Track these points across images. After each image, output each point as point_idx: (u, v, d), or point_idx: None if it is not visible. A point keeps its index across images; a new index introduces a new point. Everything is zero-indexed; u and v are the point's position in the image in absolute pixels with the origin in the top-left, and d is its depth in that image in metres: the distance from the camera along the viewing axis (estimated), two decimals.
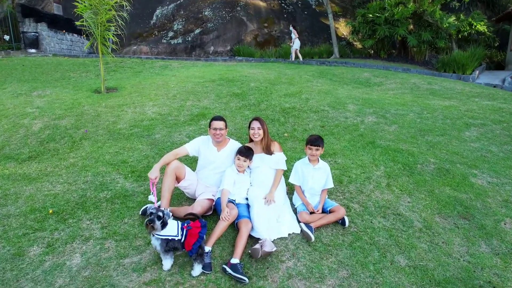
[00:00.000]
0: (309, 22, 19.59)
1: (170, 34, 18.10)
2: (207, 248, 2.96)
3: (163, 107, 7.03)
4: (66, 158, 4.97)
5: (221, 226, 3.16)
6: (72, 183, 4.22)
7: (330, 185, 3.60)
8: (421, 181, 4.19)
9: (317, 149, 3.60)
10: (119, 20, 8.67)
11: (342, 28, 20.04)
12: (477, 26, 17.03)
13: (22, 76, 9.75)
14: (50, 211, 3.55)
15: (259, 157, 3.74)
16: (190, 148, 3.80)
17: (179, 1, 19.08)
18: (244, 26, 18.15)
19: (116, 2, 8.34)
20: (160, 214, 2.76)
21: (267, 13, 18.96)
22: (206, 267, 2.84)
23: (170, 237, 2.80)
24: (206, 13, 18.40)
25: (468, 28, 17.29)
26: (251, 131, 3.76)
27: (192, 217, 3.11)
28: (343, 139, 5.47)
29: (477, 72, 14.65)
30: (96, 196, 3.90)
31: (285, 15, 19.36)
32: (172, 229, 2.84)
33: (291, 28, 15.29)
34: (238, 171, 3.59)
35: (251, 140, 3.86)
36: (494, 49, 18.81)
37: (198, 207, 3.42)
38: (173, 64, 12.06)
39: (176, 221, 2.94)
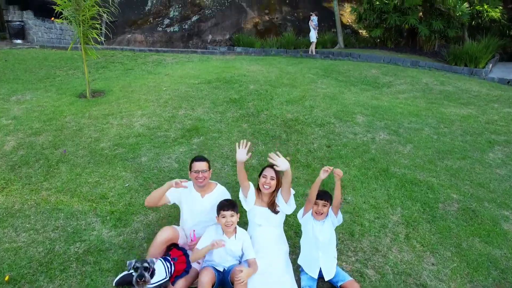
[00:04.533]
0: (312, 8, 18.51)
1: (166, 21, 17.14)
2: None
3: (153, 117, 6.37)
4: (39, 190, 4.37)
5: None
6: (40, 229, 3.64)
7: (340, 220, 3.14)
8: (445, 230, 3.61)
9: (324, 205, 3.00)
10: (111, 8, 7.90)
11: (347, 14, 19.01)
12: (491, 13, 16.05)
13: (2, 75, 9.03)
14: (6, 278, 2.97)
15: (262, 212, 3.12)
16: (170, 196, 3.22)
17: None
18: (244, 13, 17.17)
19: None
20: (146, 265, 2.67)
21: None
22: None
23: (161, 281, 2.78)
24: None
25: (483, 14, 16.30)
26: (262, 179, 3.13)
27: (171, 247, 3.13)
28: (352, 165, 4.85)
29: (490, 65, 13.84)
30: (65, 252, 3.32)
31: (287, 1, 18.32)
32: (161, 272, 2.79)
33: (313, 17, 13.52)
34: (225, 233, 2.97)
35: (258, 188, 3.24)
36: (508, 37, 17.81)
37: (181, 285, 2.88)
38: (167, 58, 11.28)
39: (160, 261, 2.85)
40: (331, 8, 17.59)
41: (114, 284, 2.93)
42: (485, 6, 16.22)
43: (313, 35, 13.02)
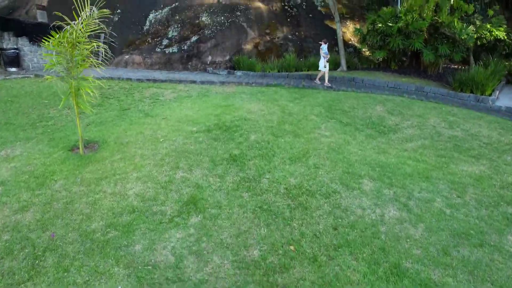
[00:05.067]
0: (314, 27, 18.18)
1: (165, 42, 16.77)
2: None
3: (148, 182, 6.03)
4: None
5: None
6: None
7: None
8: None
9: None
10: (107, 31, 7.54)
11: (350, 32, 18.65)
12: (496, 33, 15.69)
13: None
14: None
15: None
16: None
17: (174, 5, 17.62)
18: (245, 34, 16.79)
19: (92, 32, 7.03)
20: None
21: (269, 18, 17.54)
22: None
23: None
24: (203, 18, 16.99)
25: (488, 35, 15.96)
26: None
27: None
28: (361, 258, 4.50)
29: (497, 92, 13.51)
30: None
31: (288, 19, 17.94)
32: None
33: (322, 45, 12.77)
34: None
35: None
36: None
37: None
38: (166, 92, 10.92)
39: None
40: (334, 26, 17.23)
41: None
42: (488, 26, 15.87)
43: (322, 64, 12.48)
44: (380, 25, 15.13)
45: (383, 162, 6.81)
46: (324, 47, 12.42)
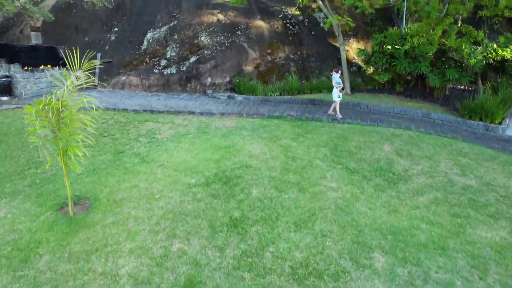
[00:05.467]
0: (316, 45, 17.67)
1: (163, 62, 16.26)
2: None
3: (142, 257, 5.55)
4: None
5: None
6: None
7: None
8: None
9: None
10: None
11: (353, 50, 18.14)
12: (503, 53, 15.22)
13: None
14: None
15: None
16: None
17: (172, 24, 17.11)
18: (245, 54, 16.28)
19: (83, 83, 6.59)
20: None
21: (271, 37, 17.02)
22: None
23: None
24: (202, 38, 16.47)
25: (494, 55, 15.47)
26: None
27: None
28: None
29: (507, 120, 13.01)
30: None
31: (290, 38, 17.42)
32: None
33: (334, 74, 11.99)
34: None
35: None
36: None
37: None
38: (163, 128, 10.41)
39: None
40: (337, 44, 16.72)
41: None
42: (495, 45, 15.39)
43: (335, 94, 11.80)
44: (387, 47, 14.63)
45: (395, 227, 6.33)
46: (335, 76, 11.85)
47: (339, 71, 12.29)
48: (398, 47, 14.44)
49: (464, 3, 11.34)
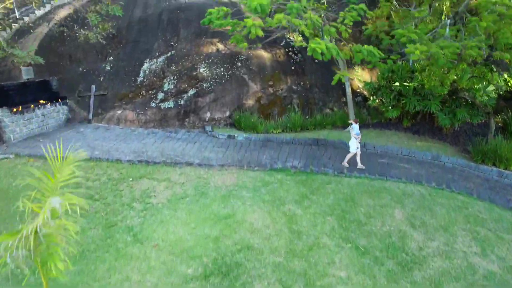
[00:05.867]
0: (320, 74, 16.95)
1: (160, 95, 15.59)
2: None
3: None
4: None
5: None
6: None
7: None
8: None
9: None
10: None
11: (358, 78, 17.44)
12: None
13: None
14: None
15: None
16: None
17: (169, 53, 16.38)
18: (246, 87, 15.59)
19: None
20: None
21: (272, 67, 16.31)
22: None
23: None
24: (201, 70, 15.77)
25: (504, 85, 14.84)
26: None
27: None
28: None
29: None
30: None
31: (292, 67, 16.70)
32: None
33: (353, 124, 11.36)
34: None
35: None
36: None
37: None
38: (158, 188, 9.76)
39: None
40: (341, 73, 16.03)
41: None
42: (506, 75, 14.75)
43: (354, 145, 11.09)
44: (396, 83, 13.95)
45: None
46: (355, 127, 11.17)
47: (358, 122, 11.70)
48: (407, 84, 13.77)
49: (480, 48, 10.62)
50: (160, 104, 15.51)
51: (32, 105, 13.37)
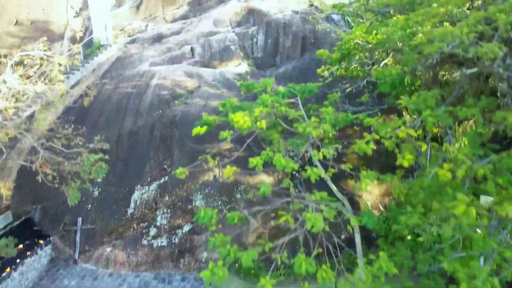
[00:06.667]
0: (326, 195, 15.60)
1: (152, 231, 14.32)
2: None
3: None
4: None
5: None
6: None
7: None
8: None
9: None
10: None
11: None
12: None
13: None
14: None
15: None
16: None
17: (163, 180, 15.04)
18: (246, 225, 14.30)
19: None
20: None
21: (275, 193, 14.97)
22: None
23: None
24: (197, 203, 14.45)
25: None
26: None
27: None
28: None
29: None
30: None
31: (296, 187, 15.36)
32: None
33: None
34: None
35: None
36: None
37: None
38: None
39: None
40: (350, 188, 14.76)
41: None
42: None
43: None
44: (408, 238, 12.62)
45: None
46: None
47: None
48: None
49: None
50: (152, 241, 14.28)
51: (8, 269, 12.13)
